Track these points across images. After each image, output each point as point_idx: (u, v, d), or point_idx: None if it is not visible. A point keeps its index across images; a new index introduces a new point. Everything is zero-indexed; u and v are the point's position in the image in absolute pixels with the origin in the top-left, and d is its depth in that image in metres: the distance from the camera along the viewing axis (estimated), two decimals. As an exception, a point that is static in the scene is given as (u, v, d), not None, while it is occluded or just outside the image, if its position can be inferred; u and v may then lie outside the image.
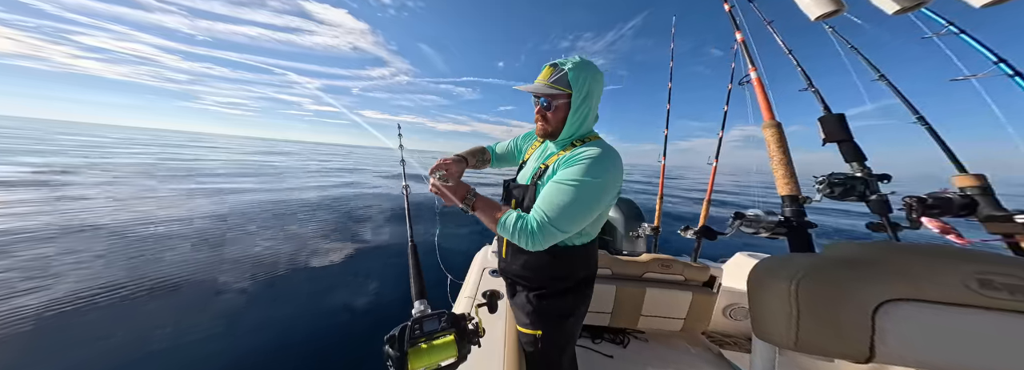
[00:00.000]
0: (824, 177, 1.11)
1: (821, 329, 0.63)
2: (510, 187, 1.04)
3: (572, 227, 0.78)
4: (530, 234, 0.76)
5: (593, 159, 0.79)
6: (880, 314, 0.61)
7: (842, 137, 1.20)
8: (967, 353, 0.57)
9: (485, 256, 1.68)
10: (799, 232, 0.96)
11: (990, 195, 1.14)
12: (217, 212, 6.53)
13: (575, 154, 0.83)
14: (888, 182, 1.13)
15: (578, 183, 0.77)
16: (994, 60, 1.62)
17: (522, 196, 0.95)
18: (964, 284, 0.58)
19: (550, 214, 0.76)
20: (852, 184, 1.11)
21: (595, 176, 0.78)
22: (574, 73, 0.82)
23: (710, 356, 1.65)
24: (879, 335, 0.60)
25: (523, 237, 0.77)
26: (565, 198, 0.77)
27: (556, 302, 0.97)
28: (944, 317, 0.59)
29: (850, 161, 1.18)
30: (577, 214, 0.78)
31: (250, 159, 24.25)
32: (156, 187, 8.91)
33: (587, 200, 0.78)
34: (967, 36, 1.72)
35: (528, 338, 0.98)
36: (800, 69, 1.38)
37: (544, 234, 0.76)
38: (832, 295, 0.63)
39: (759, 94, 1.19)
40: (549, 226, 0.76)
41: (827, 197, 1.11)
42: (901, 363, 0.60)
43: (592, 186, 0.77)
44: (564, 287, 0.96)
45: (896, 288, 0.61)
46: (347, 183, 12.87)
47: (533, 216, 0.78)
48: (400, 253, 4.62)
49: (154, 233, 4.93)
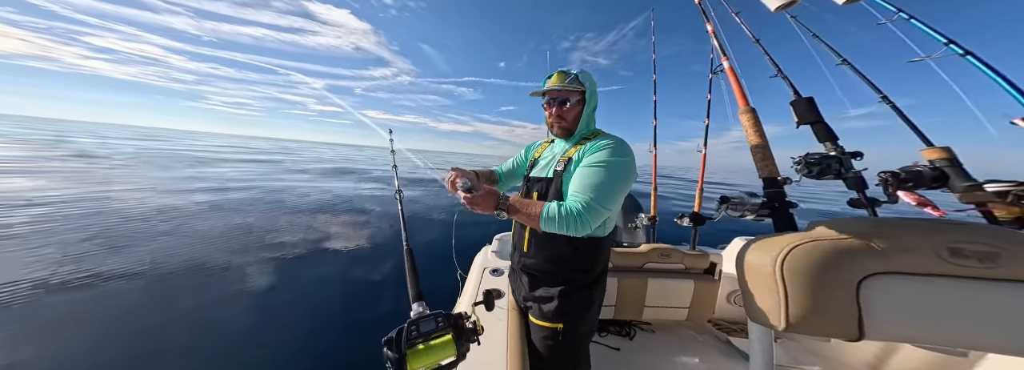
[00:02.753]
0: (800, 157, 1.15)
1: (809, 308, 0.64)
2: (530, 180, 1.11)
3: (613, 204, 0.85)
4: (577, 216, 0.80)
5: (615, 143, 0.91)
6: (863, 289, 0.62)
7: (813, 119, 1.25)
8: (945, 323, 0.59)
9: (485, 256, 1.67)
10: (781, 212, 0.99)
11: (958, 166, 1.20)
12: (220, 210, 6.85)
13: (596, 142, 0.94)
14: (861, 159, 1.18)
15: (608, 163, 0.86)
16: (944, 42, 1.73)
17: (545, 188, 1.02)
18: (937, 254, 0.60)
19: (592, 194, 0.83)
20: (828, 163, 1.16)
21: (622, 156, 0.88)
22: (583, 75, 0.99)
23: (718, 344, 1.65)
24: (866, 311, 0.62)
25: (570, 221, 0.80)
26: (601, 177, 0.85)
27: (580, 295, 0.99)
28: (922, 288, 0.60)
29: (823, 141, 1.23)
30: (615, 191, 0.85)
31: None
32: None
33: (621, 177, 0.86)
34: (916, 21, 1.83)
35: (547, 332, 0.99)
36: (768, 57, 1.44)
37: (591, 213, 0.80)
38: (816, 273, 0.64)
39: (733, 82, 1.24)
40: (594, 204, 0.81)
41: (806, 177, 1.15)
42: (892, 339, 0.61)
43: (621, 165, 0.87)
44: (587, 280, 1.00)
45: (876, 262, 0.62)
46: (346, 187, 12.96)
47: (574, 200, 0.83)
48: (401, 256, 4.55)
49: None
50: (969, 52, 1.63)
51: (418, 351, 0.55)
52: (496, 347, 0.96)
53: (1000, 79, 1.45)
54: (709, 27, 1.49)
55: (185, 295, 3.24)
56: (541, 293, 1.02)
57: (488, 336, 1.00)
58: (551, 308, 0.98)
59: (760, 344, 0.74)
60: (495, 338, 1.00)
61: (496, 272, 1.46)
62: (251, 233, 5.26)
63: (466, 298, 1.30)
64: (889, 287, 0.60)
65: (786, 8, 1.23)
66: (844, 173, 1.16)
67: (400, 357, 0.53)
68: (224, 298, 3.25)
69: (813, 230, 0.74)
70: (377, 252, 4.84)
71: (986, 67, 1.52)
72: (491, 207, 0.86)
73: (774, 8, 1.24)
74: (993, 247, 0.56)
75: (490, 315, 1.05)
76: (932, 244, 0.59)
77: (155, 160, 16.30)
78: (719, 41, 1.38)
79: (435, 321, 0.59)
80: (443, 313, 0.62)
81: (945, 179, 1.20)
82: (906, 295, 0.59)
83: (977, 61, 1.57)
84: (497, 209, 0.86)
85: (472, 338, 0.61)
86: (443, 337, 0.58)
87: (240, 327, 2.78)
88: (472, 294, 1.30)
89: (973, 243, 0.57)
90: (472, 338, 0.61)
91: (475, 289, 1.32)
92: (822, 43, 1.81)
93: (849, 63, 1.70)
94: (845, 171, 1.16)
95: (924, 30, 1.79)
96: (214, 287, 3.44)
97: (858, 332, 0.61)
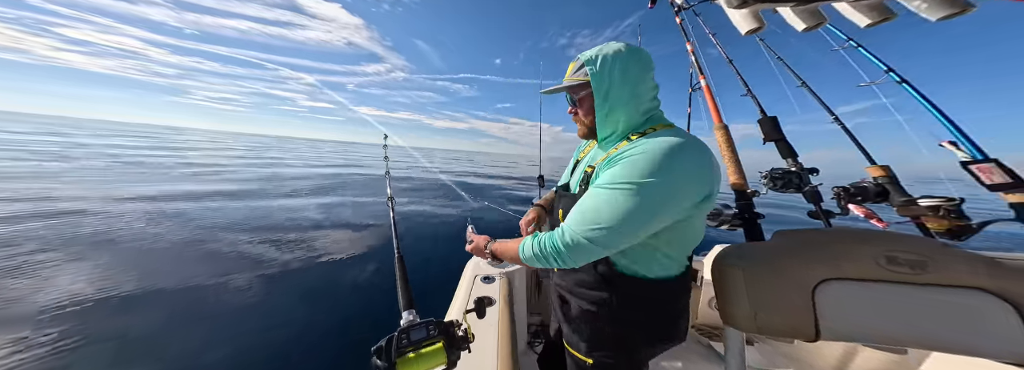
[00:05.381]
0: (767, 172, 1.26)
1: (773, 311, 0.71)
2: (559, 195, 0.93)
3: (612, 239, 0.60)
4: (553, 250, 0.65)
5: (642, 155, 0.61)
6: (818, 294, 0.70)
7: (777, 137, 1.37)
8: (885, 323, 0.67)
9: (477, 264, 1.66)
10: (751, 223, 1.07)
11: (896, 183, 1.35)
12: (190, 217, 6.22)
13: (621, 152, 0.65)
14: (817, 175, 1.31)
15: (616, 187, 0.60)
16: (885, 69, 1.94)
17: (569, 207, 0.74)
18: (875, 261, 0.68)
19: (578, 224, 0.62)
20: (789, 177, 1.27)
21: (651, 173, 0.59)
22: (592, 58, 0.71)
23: (701, 349, 1.72)
24: (820, 314, 0.69)
25: (551, 255, 0.65)
26: (602, 201, 0.61)
27: (616, 334, 0.78)
28: (864, 292, 0.68)
29: (785, 157, 1.34)
30: (623, 218, 0.59)
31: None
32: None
33: (627, 205, 0.59)
34: (863, 49, 2.05)
35: (578, 363, 0.84)
36: (739, 77, 1.56)
37: (572, 248, 0.62)
38: (778, 279, 0.72)
39: (709, 100, 1.33)
40: (578, 236, 0.61)
41: (771, 190, 1.25)
42: (842, 338, 0.69)
43: (644, 188, 0.59)
44: (628, 322, 0.77)
45: (827, 269, 0.70)
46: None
47: (558, 229, 0.66)
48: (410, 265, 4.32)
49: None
50: (904, 80, 1.84)
51: (408, 359, 0.55)
52: (487, 355, 0.96)
53: (929, 106, 1.65)
54: (689, 46, 1.59)
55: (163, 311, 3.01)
56: (573, 317, 0.85)
57: (479, 344, 1.00)
58: (581, 339, 0.82)
59: (734, 345, 0.81)
60: (486, 345, 1.00)
61: (488, 280, 1.46)
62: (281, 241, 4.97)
63: (457, 305, 1.29)
64: (838, 291, 0.68)
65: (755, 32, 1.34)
66: (803, 187, 1.27)
67: (390, 366, 0.53)
68: (219, 304, 3.09)
69: (776, 240, 0.82)
70: (370, 259, 4.67)
71: (917, 94, 1.73)
72: (480, 255, 0.87)
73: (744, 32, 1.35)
74: (921, 256, 0.65)
75: (481, 322, 1.05)
76: (872, 252, 0.67)
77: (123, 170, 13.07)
78: (697, 60, 1.48)
79: (426, 329, 0.59)
80: (434, 321, 0.62)
81: (886, 194, 1.35)
82: (852, 299, 0.67)
83: (910, 88, 1.78)
84: (487, 254, 0.87)
85: (463, 346, 0.62)
86: (434, 345, 0.58)
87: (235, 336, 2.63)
88: (463, 301, 1.29)
89: (905, 252, 0.66)
90: (463, 346, 0.62)
91: (466, 296, 1.31)
92: (785, 66, 1.98)
93: (807, 85, 1.87)
94: (803, 185, 1.27)
95: (869, 58, 2.00)
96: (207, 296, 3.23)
97: (814, 333, 0.68)
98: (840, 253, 0.69)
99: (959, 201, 1.23)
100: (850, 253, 0.68)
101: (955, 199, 1.24)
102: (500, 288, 1.37)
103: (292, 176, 13.84)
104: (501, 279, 1.46)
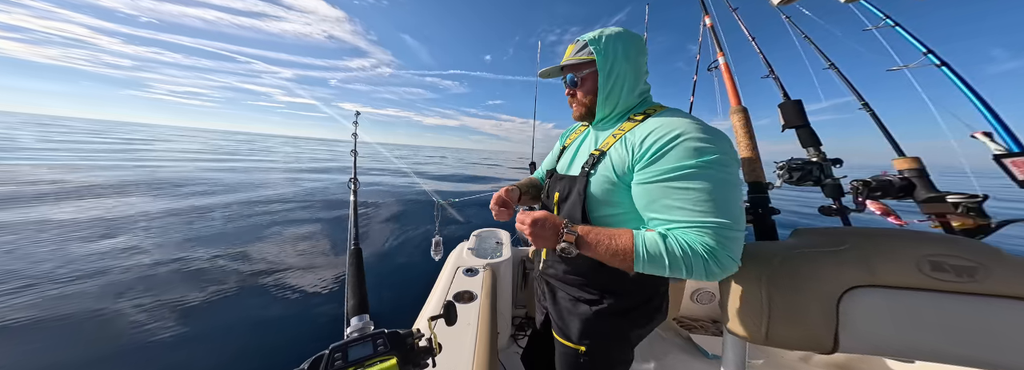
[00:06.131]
0: (784, 163, 1.13)
1: (790, 324, 0.62)
2: (553, 177, 0.88)
3: (743, 223, 0.56)
4: (711, 256, 0.51)
5: (696, 130, 0.58)
6: (844, 302, 0.60)
7: (799, 123, 1.23)
8: (921, 337, 0.57)
9: (460, 255, 1.57)
10: (763, 219, 0.96)
11: (925, 177, 1.22)
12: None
13: (662, 130, 0.60)
14: (840, 166, 1.18)
15: (711, 163, 0.55)
16: (923, 51, 1.75)
17: (567, 190, 0.77)
18: (918, 267, 0.58)
19: (719, 217, 0.53)
20: (809, 169, 1.14)
21: (722, 150, 0.56)
22: (595, 38, 0.71)
23: (680, 341, 1.69)
24: (843, 324, 0.59)
25: (697, 264, 0.52)
26: (718, 188, 0.54)
27: (613, 319, 0.77)
28: (901, 301, 0.58)
29: (806, 146, 1.21)
30: (739, 204, 0.56)
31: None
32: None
33: (729, 181, 0.56)
34: (901, 29, 1.84)
35: (568, 351, 0.81)
36: (762, 56, 1.39)
37: (730, 246, 0.52)
38: (800, 289, 0.61)
39: (727, 79, 1.18)
40: (729, 232, 0.52)
41: (787, 182, 1.13)
42: (864, 352, 0.60)
43: (717, 164, 0.55)
44: (624, 305, 0.76)
45: (858, 275, 0.60)
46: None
47: (690, 229, 0.54)
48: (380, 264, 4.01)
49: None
50: (945, 63, 1.66)
51: None
52: (464, 353, 0.88)
53: (969, 92, 1.49)
54: (707, 21, 1.40)
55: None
56: (563, 306, 0.84)
57: (457, 341, 0.92)
58: (573, 327, 0.79)
59: (735, 355, 0.73)
60: (464, 343, 0.92)
61: (471, 272, 1.37)
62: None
63: (432, 303, 1.21)
64: (870, 300, 0.59)
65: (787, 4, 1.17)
66: (823, 180, 1.15)
67: None
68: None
69: (798, 239, 0.72)
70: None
71: (958, 79, 1.56)
72: (551, 243, 0.62)
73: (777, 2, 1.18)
74: (970, 261, 0.56)
75: (460, 318, 0.96)
76: (914, 256, 0.58)
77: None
78: (717, 35, 1.30)
79: (373, 344, 0.49)
80: (386, 333, 0.52)
81: (911, 189, 1.23)
82: (885, 309, 0.59)
83: (950, 72, 1.61)
84: (559, 243, 0.61)
85: (423, 360, 0.52)
86: (384, 363, 0.48)
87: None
88: (441, 296, 1.21)
89: (952, 256, 0.57)
90: (423, 360, 0.52)
91: (444, 292, 1.22)
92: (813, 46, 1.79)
93: (836, 67, 1.69)
94: (824, 178, 1.15)
95: (907, 38, 1.80)
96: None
97: (833, 345, 0.60)
98: (877, 256, 0.59)
99: (982, 198, 1.12)
100: (888, 256, 0.59)
101: (978, 196, 1.13)
102: (483, 281, 1.29)
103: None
104: (485, 271, 1.37)
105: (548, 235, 0.63)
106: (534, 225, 0.64)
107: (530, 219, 0.64)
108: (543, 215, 0.65)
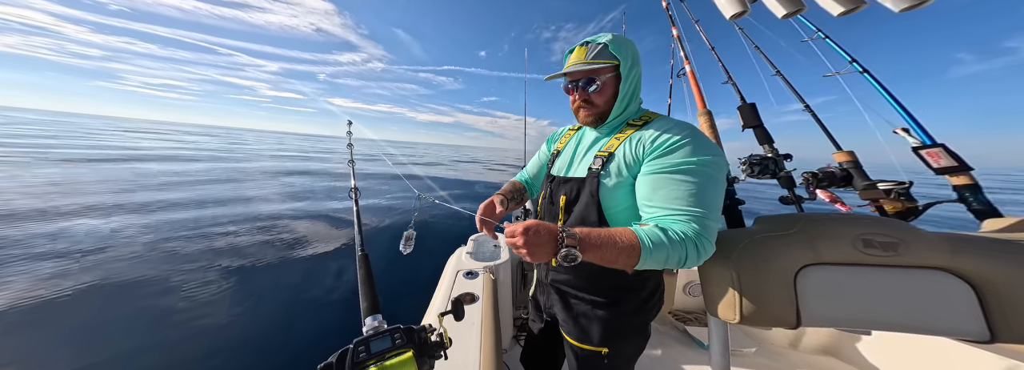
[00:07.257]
0: (746, 158, 1.26)
1: (757, 303, 0.69)
2: (553, 181, 0.88)
3: (719, 214, 0.66)
4: (697, 239, 0.58)
5: (691, 134, 0.68)
6: (799, 280, 0.67)
7: (755, 123, 1.38)
8: (863, 307, 0.65)
9: (458, 259, 1.57)
10: (732, 210, 1.06)
11: (859, 168, 1.41)
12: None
13: (661, 133, 0.69)
14: (791, 160, 1.33)
15: (701, 163, 0.64)
16: (848, 60, 2.02)
17: (575, 192, 0.79)
18: (853, 245, 0.67)
19: (701, 208, 0.61)
20: (765, 163, 1.28)
21: (710, 152, 0.66)
22: (615, 43, 0.73)
23: (677, 334, 1.77)
24: (801, 300, 0.67)
25: (688, 249, 0.58)
26: (701, 184, 0.63)
27: (632, 318, 0.81)
28: (842, 276, 0.66)
29: (763, 143, 1.35)
30: (719, 202, 0.65)
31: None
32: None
33: (719, 183, 0.65)
34: (830, 41, 2.12)
35: (588, 355, 0.83)
36: (721, 63, 1.55)
37: (709, 234, 0.60)
38: (761, 270, 0.67)
39: (693, 85, 1.30)
40: (708, 222, 0.60)
41: (749, 176, 1.26)
42: (822, 324, 0.68)
43: (714, 166, 0.65)
44: (637, 301, 0.81)
45: (806, 255, 0.68)
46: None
47: (677, 217, 0.61)
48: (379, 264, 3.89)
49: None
50: (866, 70, 1.92)
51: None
52: (470, 354, 0.89)
53: (887, 94, 1.73)
54: (674, 32, 1.54)
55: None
56: (579, 311, 0.84)
57: (461, 343, 0.93)
58: (594, 330, 0.81)
59: (718, 334, 0.80)
60: (469, 345, 0.93)
61: (470, 275, 1.38)
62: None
63: (436, 304, 1.21)
64: (818, 277, 0.66)
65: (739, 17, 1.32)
66: (778, 173, 1.29)
67: None
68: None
69: (760, 226, 0.81)
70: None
71: (877, 83, 1.82)
72: (549, 251, 0.55)
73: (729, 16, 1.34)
74: (893, 238, 0.65)
75: (464, 320, 0.98)
76: (850, 235, 0.66)
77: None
78: (683, 46, 1.44)
79: (391, 338, 0.51)
80: (401, 328, 0.54)
81: (850, 179, 1.41)
82: (831, 284, 0.66)
83: (871, 78, 1.87)
84: (560, 249, 0.55)
85: (437, 353, 0.55)
86: (402, 355, 0.50)
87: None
88: (443, 299, 1.22)
89: (879, 234, 0.65)
90: (437, 353, 0.55)
91: (447, 295, 1.23)
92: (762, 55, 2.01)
93: (781, 75, 1.91)
94: (778, 171, 1.29)
95: (835, 49, 2.07)
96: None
97: (796, 320, 0.67)
98: (819, 238, 0.68)
99: (908, 184, 1.31)
100: (829, 237, 0.67)
101: (905, 182, 1.31)
102: (484, 283, 1.31)
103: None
104: (485, 273, 1.39)
105: (544, 242, 0.55)
106: (527, 233, 0.55)
107: (521, 227, 0.56)
108: (534, 223, 0.57)
